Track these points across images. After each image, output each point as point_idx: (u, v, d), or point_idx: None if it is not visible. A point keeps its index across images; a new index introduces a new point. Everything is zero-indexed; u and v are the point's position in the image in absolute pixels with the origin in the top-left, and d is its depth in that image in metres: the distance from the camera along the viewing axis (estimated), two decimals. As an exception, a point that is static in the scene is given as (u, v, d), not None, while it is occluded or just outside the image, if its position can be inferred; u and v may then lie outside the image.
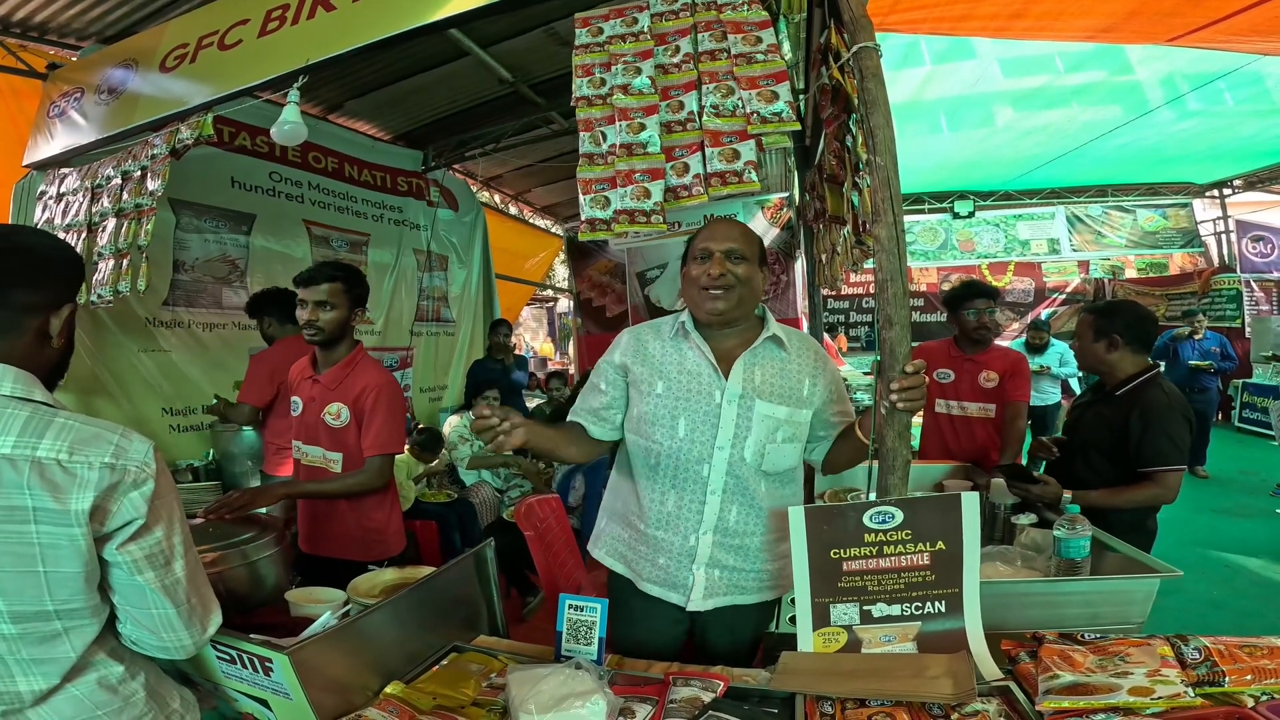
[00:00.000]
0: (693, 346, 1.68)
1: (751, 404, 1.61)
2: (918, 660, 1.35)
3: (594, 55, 2.04)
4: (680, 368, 1.67)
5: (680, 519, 1.65)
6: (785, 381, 1.66)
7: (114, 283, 3.05)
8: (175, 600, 1.11)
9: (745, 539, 1.66)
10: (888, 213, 1.44)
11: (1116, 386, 2.45)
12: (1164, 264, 11.84)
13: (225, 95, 2.92)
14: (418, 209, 6.22)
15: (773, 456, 1.63)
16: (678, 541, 1.66)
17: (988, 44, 5.93)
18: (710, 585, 1.65)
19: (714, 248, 1.64)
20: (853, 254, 3.47)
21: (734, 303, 1.64)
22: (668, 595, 1.68)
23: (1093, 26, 3.53)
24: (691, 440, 1.62)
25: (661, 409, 1.65)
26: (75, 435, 1.02)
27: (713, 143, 1.83)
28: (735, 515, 1.65)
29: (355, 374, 2.34)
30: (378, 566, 2.21)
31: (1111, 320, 2.43)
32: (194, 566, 1.16)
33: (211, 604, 1.21)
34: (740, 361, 1.64)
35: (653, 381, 1.67)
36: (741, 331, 1.70)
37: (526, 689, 1.23)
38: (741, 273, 1.64)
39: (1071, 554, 1.80)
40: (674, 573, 1.66)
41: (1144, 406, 2.30)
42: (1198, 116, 7.36)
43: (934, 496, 1.43)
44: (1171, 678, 1.16)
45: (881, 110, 1.53)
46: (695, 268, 1.67)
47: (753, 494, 1.64)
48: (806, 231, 5.19)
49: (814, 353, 1.74)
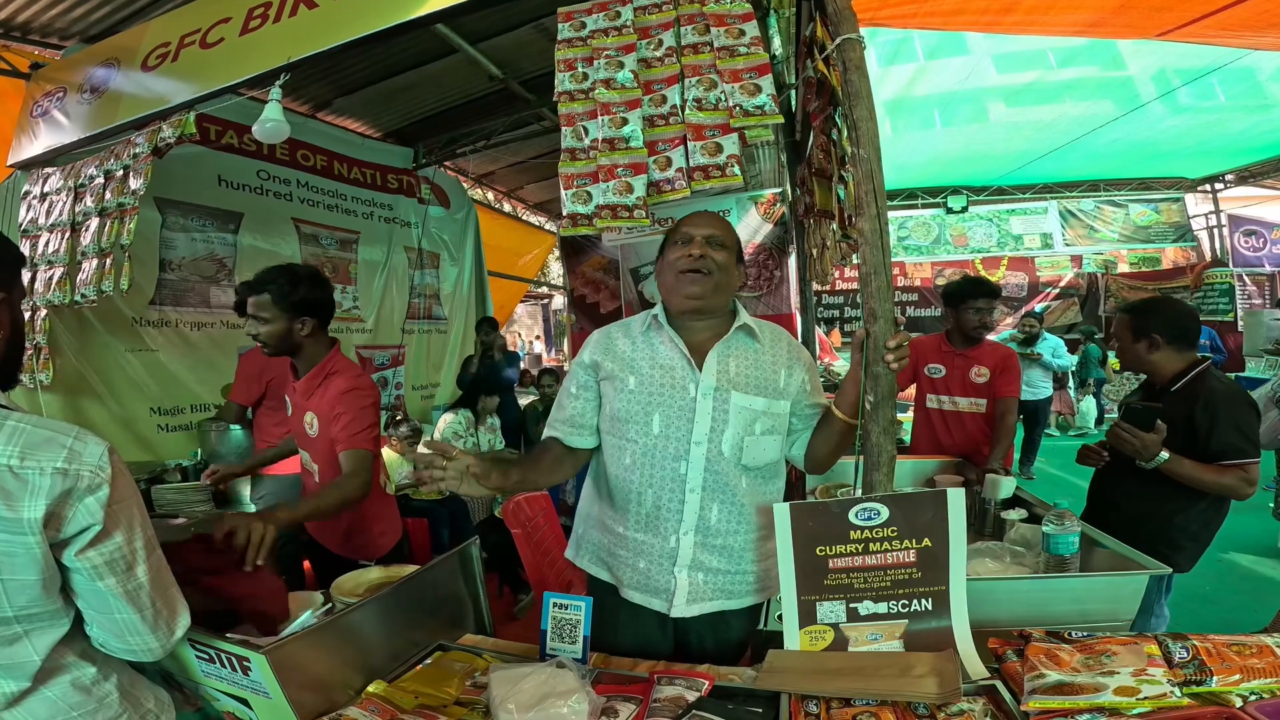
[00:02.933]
0: (665, 340, 1.64)
1: (727, 396, 1.58)
2: (903, 659, 1.34)
3: (576, 50, 2.02)
4: (652, 362, 1.62)
5: (660, 519, 1.60)
6: (760, 372, 1.62)
7: (97, 282, 3.03)
8: (138, 605, 1.08)
9: (729, 538, 1.61)
10: (871, 205, 1.42)
11: (1166, 385, 2.34)
12: (1157, 258, 11.83)
13: (207, 94, 2.91)
14: (408, 206, 6.19)
15: (752, 450, 1.59)
16: (658, 543, 1.60)
17: (980, 39, 5.92)
18: (694, 589, 1.60)
19: (695, 233, 1.61)
20: (840, 248, 3.46)
21: (710, 289, 1.59)
22: (649, 602, 1.62)
23: (1082, 21, 3.52)
24: (667, 436, 1.58)
25: (634, 405, 1.60)
26: (27, 439, 0.99)
27: (695, 136, 1.82)
28: (717, 514, 1.60)
29: (325, 385, 2.22)
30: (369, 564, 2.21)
31: (1149, 319, 2.34)
32: (157, 569, 1.13)
33: (178, 606, 1.18)
34: (714, 353, 1.60)
35: (624, 377, 1.62)
36: (714, 324, 1.66)
37: (507, 688, 1.21)
38: (720, 260, 1.60)
39: (1060, 550, 1.80)
40: (655, 577, 1.61)
41: (1207, 398, 2.18)
42: (1189, 111, 7.36)
43: (920, 493, 1.42)
44: (1158, 677, 1.14)
45: (865, 103, 1.51)
46: (674, 251, 1.63)
47: (734, 490, 1.60)
48: (799, 227, 5.18)
49: (787, 343, 1.71)
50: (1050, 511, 1.87)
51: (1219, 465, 2.12)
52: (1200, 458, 2.15)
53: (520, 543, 2.54)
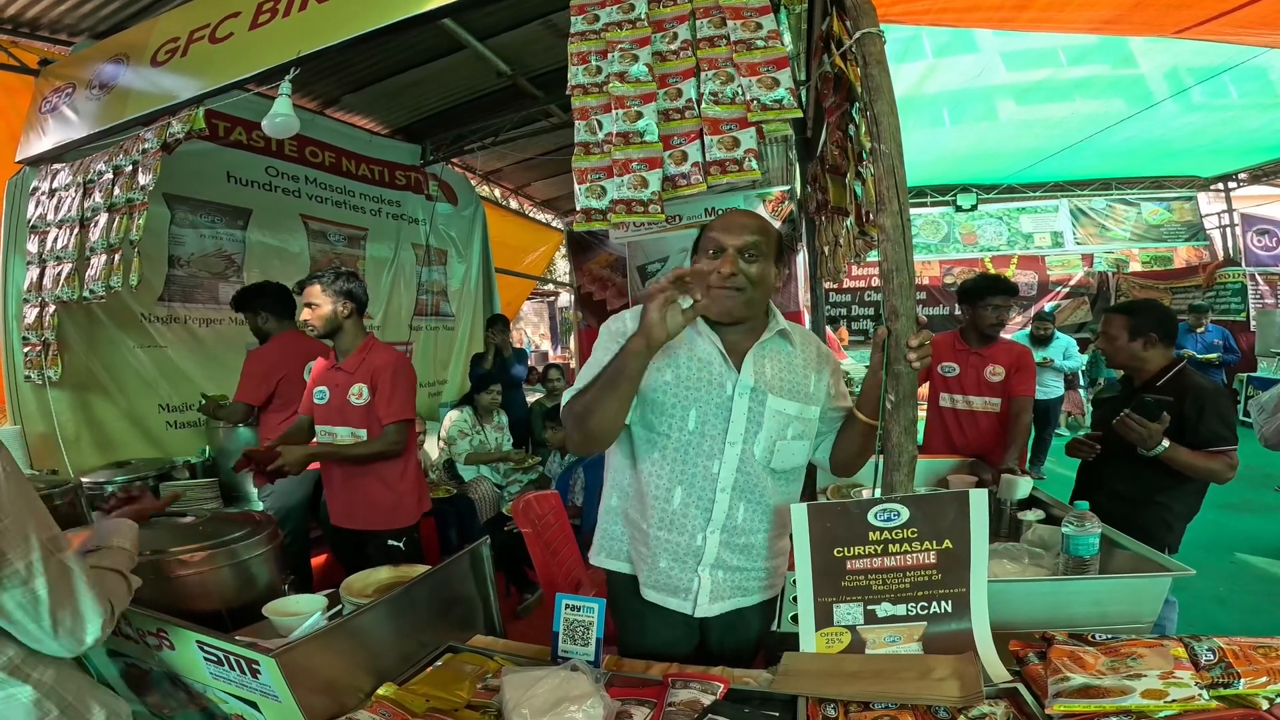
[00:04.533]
0: (700, 334, 1.58)
1: (764, 399, 1.54)
2: (923, 661, 1.32)
3: (590, 43, 1.99)
4: (690, 354, 1.56)
5: (687, 517, 1.56)
6: (793, 377, 1.60)
7: (105, 278, 3.02)
8: (37, 619, 1.03)
9: (750, 537, 1.59)
10: (892, 201, 1.39)
11: (1149, 380, 2.55)
12: (1169, 257, 11.74)
13: (216, 89, 2.89)
14: (416, 203, 6.18)
15: (782, 454, 1.57)
16: (683, 541, 1.56)
17: (990, 37, 5.89)
18: (715, 588, 1.58)
19: (727, 242, 1.51)
20: (855, 245, 3.43)
21: (743, 305, 1.54)
22: (666, 601, 1.59)
23: (1099, 18, 3.49)
24: (702, 434, 1.54)
25: (670, 397, 1.54)
26: None
27: (712, 130, 1.79)
28: (743, 513, 1.57)
29: (370, 357, 2.68)
30: (398, 541, 2.63)
31: (1145, 318, 2.55)
32: (56, 578, 1.05)
33: (86, 616, 1.10)
34: (751, 354, 1.56)
35: (661, 365, 1.55)
36: (749, 326, 1.61)
37: (520, 692, 1.19)
38: (755, 272, 1.53)
39: (1080, 551, 1.77)
40: (676, 576, 1.57)
41: (1195, 393, 2.41)
42: (1202, 110, 7.30)
43: (941, 494, 1.39)
44: (1185, 680, 1.13)
45: (886, 97, 1.49)
46: (705, 263, 1.54)
47: (761, 491, 1.57)
48: (809, 224, 5.15)
49: (816, 347, 1.68)
50: (1070, 513, 1.84)
51: (1207, 452, 2.35)
52: (1186, 446, 2.36)
53: (531, 542, 2.52)
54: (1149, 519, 2.37)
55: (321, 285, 2.62)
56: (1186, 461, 2.34)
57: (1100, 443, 2.60)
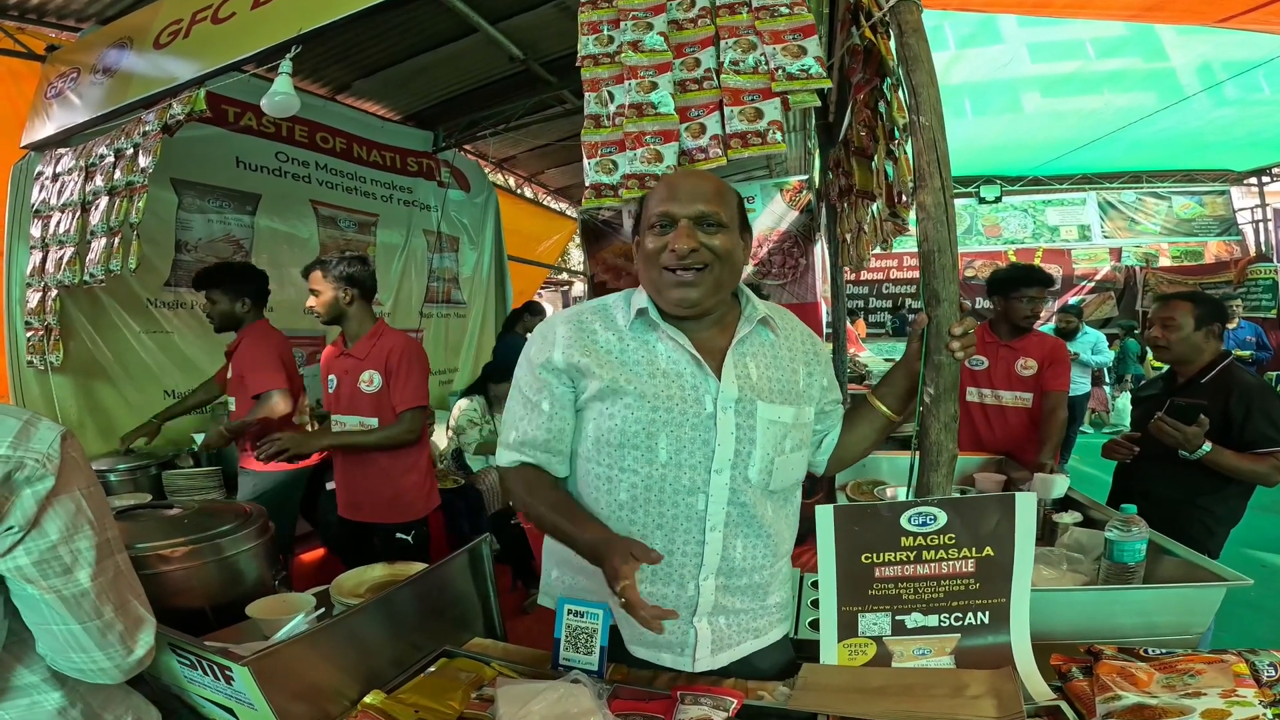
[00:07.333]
0: (663, 338, 1.26)
1: (753, 409, 1.24)
2: (956, 677, 1.21)
3: (601, 11, 1.88)
4: (651, 367, 1.24)
5: (672, 566, 1.26)
6: (781, 373, 1.31)
7: (105, 261, 2.97)
8: (79, 615, 0.94)
9: (754, 575, 1.31)
10: (934, 177, 1.27)
11: (1196, 376, 2.42)
12: (1199, 252, 11.50)
13: (217, 69, 2.83)
14: (428, 189, 6.11)
15: (782, 472, 1.29)
16: (671, 593, 1.27)
17: (1015, 29, 5.79)
18: (718, 638, 1.30)
19: (677, 212, 1.22)
20: (883, 229, 3.28)
21: (709, 288, 1.23)
22: (659, 658, 1.31)
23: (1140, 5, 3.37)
24: (678, 465, 1.22)
25: (631, 426, 1.22)
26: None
27: (732, 101, 1.66)
28: (741, 550, 1.28)
29: (380, 343, 2.64)
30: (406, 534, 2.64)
31: (1212, 307, 2.44)
32: (113, 576, 0.99)
33: (142, 619, 1.03)
34: (732, 354, 1.27)
35: (615, 388, 1.24)
36: (720, 316, 1.31)
37: (516, 707, 1.09)
38: (719, 245, 1.22)
39: (1125, 558, 1.65)
40: (667, 630, 1.24)
41: (1241, 391, 2.29)
42: (1235, 104, 7.19)
43: (984, 497, 1.27)
44: (1249, 698, 1.04)
45: (925, 67, 1.37)
46: (652, 240, 1.24)
47: (760, 521, 1.28)
48: (829, 211, 5.01)
49: (800, 331, 1.39)
50: (1114, 516, 1.71)
51: (1254, 454, 2.23)
52: (1232, 446, 2.26)
53: (534, 538, 2.43)
54: (1190, 523, 2.26)
55: (323, 271, 2.61)
56: (1232, 465, 2.23)
57: (1138, 443, 2.46)
